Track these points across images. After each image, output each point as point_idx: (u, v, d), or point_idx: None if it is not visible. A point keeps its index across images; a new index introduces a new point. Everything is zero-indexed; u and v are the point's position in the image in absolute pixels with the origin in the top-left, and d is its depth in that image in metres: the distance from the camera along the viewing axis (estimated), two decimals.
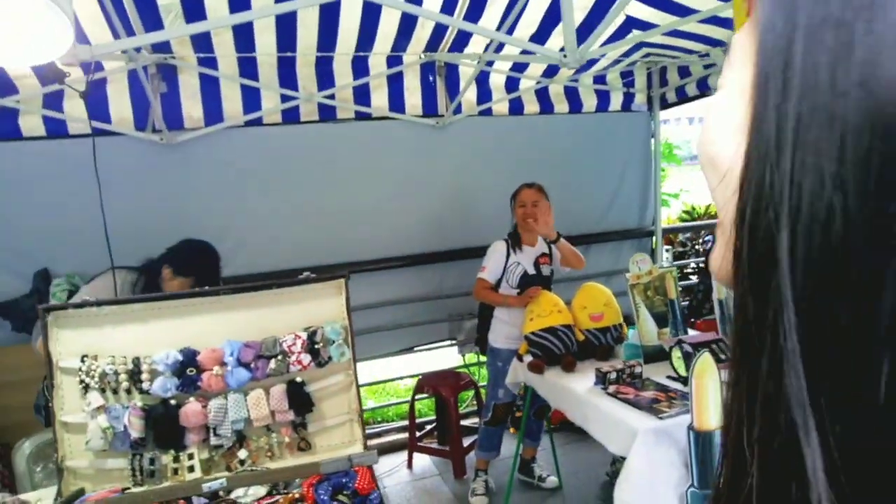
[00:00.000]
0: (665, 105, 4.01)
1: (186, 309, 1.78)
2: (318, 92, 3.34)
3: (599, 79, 3.86)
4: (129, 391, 1.73)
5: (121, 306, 1.73)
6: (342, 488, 1.52)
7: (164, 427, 1.72)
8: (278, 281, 1.84)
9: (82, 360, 1.69)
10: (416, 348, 3.96)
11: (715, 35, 3.19)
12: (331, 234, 3.52)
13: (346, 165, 3.48)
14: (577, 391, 2.40)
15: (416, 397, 3.59)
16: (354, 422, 1.90)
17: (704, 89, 3.65)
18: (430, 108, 3.61)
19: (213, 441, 1.75)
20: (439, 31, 3.21)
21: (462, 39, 3.31)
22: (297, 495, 1.49)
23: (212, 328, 1.79)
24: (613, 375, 2.36)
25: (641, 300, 2.68)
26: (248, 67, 3.20)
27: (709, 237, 4.79)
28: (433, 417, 3.88)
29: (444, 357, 4.51)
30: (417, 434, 3.64)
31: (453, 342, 3.89)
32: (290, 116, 3.37)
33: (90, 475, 1.71)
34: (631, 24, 3.15)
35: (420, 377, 3.65)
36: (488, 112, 3.74)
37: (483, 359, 4.18)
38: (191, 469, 1.74)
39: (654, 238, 4.22)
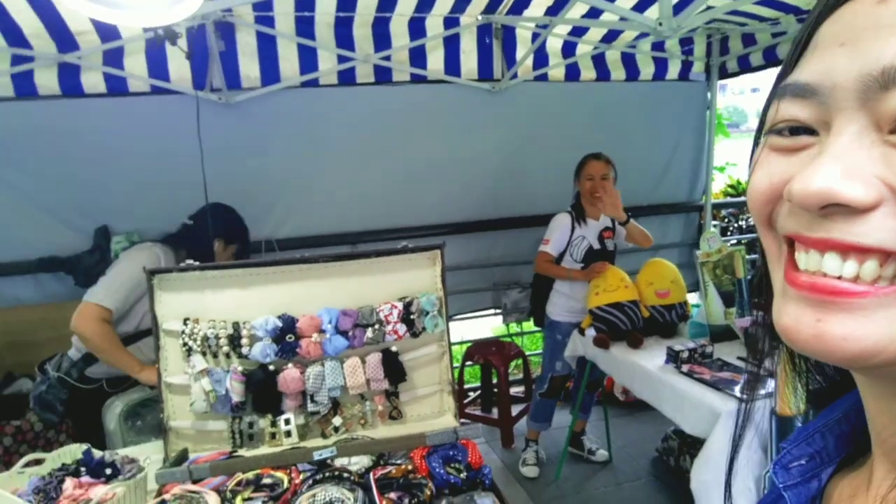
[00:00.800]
0: (725, 75, 3.92)
1: (284, 275, 1.78)
2: (374, 53, 3.26)
3: (658, 45, 3.76)
4: (228, 355, 1.74)
5: (221, 271, 1.73)
6: (451, 460, 1.54)
7: (262, 392, 1.73)
8: (377, 250, 1.83)
9: (184, 323, 1.70)
10: (458, 316, 3.97)
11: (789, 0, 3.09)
12: (383, 199, 3.50)
13: (401, 129, 3.43)
14: (647, 368, 2.41)
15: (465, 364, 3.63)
16: (445, 392, 1.91)
17: (771, 59, 3.55)
18: (485, 72, 3.53)
19: (310, 407, 1.77)
20: None
21: (521, 2, 3.21)
22: (409, 466, 1.51)
23: (309, 295, 1.79)
24: (686, 354, 2.37)
25: (710, 278, 2.66)
26: (305, 27, 3.13)
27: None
28: (477, 385, 3.93)
29: (480, 325, 4.54)
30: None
31: (497, 311, 3.90)
32: (347, 78, 3.31)
33: (191, 436, 1.74)
34: None
35: (470, 345, 3.68)
36: (544, 77, 3.66)
37: (525, 328, 4.22)
38: (287, 434, 1.77)
39: (702, 212, 4.18)
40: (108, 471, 1.55)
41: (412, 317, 1.83)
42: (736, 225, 4.88)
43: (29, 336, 2.88)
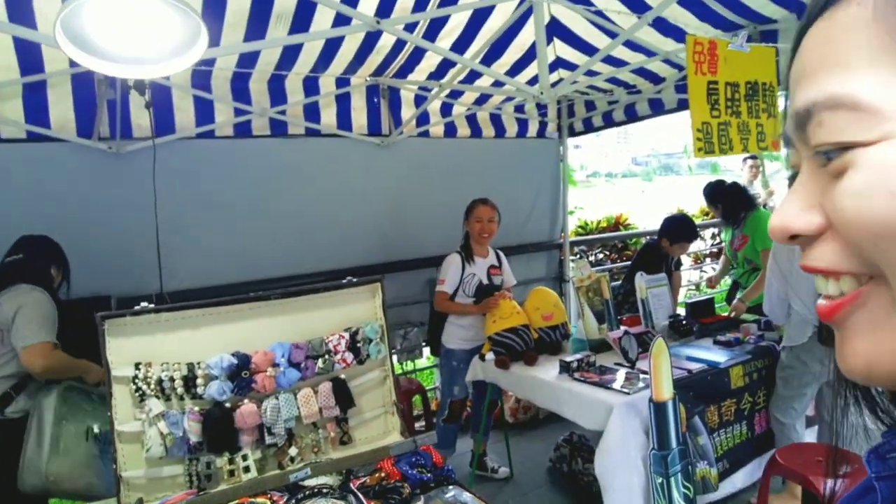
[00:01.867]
0: (573, 133, 4.64)
1: (235, 314, 1.85)
2: (270, 107, 3.41)
3: (519, 108, 4.37)
4: (181, 397, 1.76)
5: (173, 313, 1.76)
6: (415, 465, 1.72)
7: (219, 430, 1.76)
8: (323, 284, 1.98)
9: (136, 368, 1.70)
10: None
11: (620, 77, 3.86)
12: (277, 248, 3.57)
13: (296, 179, 3.57)
14: (546, 380, 2.78)
15: None
16: (389, 413, 2.08)
17: (608, 121, 4.33)
18: (374, 128, 3.84)
19: (268, 440, 1.83)
20: (388, 59, 3.48)
21: (407, 67, 3.60)
22: (382, 474, 1.66)
23: (260, 331, 1.88)
24: (576, 364, 2.78)
25: (584, 300, 3.15)
26: (200, 79, 3.19)
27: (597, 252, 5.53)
28: None
29: None
30: None
31: (394, 350, 4.09)
32: (243, 129, 3.40)
33: (143, 486, 1.70)
34: (559, 63, 3.70)
35: None
36: (426, 134, 4.05)
37: (417, 365, 4.45)
38: (246, 469, 1.81)
39: (562, 249, 4.81)
40: None
41: (358, 345, 2.00)
42: (589, 259, 5.66)
43: None
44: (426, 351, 4.13)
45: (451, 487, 1.66)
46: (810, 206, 0.34)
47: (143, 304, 1.71)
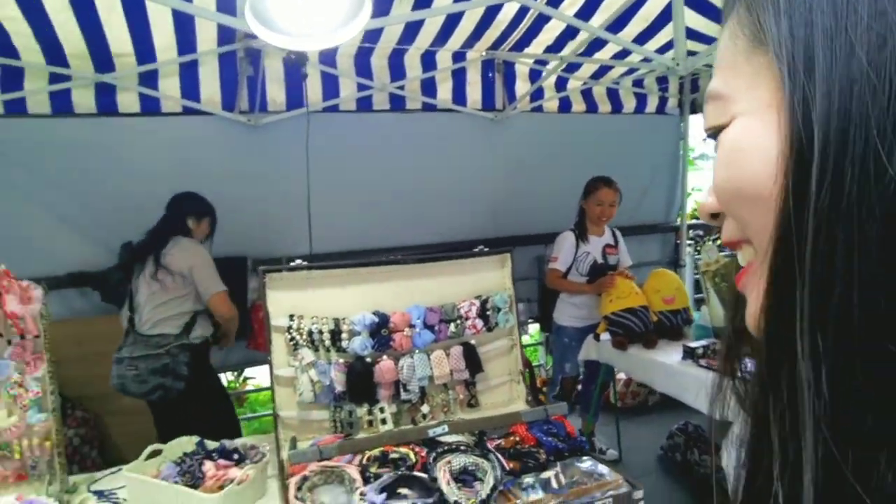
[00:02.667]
0: (694, 111, 4.44)
1: (375, 275, 1.98)
2: (390, 82, 3.53)
3: (638, 82, 4.24)
4: (328, 349, 1.91)
5: (323, 271, 1.91)
6: (548, 433, 1.77)
7: (360, 382, 1.90)
8: (457, 252, 2.07)
9: (290, 319, 1.86)
10: None
11: None
12: (394, 217, 3.71)
13: (412, 153, 3.69)
14: (668, 364, 2.72)
15: None
16: (514, 381, 2.14)
17: None
18: (488, 103, 3.87)
19: (403, 396, 1.95)
20: (506, 32, 3.49)
21: (524, 41, 3.59)
22: (517, 438, 1.73)
23: (396, 293, 1.99)
24: (701, 350, 2.71)
25: (711, 285, 3.04)
26: (327, 56, 3.36)
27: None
28: None
29: None
30: None
31: None
32: (364, 105, 3.56)
33: (295, 426, 1.88)
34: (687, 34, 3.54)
35: None
36: (540, 109, 4.04)
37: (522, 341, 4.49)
38: (383, 422, 1.94)
39: (678, 232, 4.65)
40: (236, 456, 1.69)
41: (487, 313, 2.07)
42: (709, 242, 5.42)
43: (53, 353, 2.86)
44: (532, 327, 4.16)
45: (585, 458, 1.69)
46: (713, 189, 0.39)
47: (298, 261, 1.87)
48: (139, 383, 2.56)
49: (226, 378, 4.31)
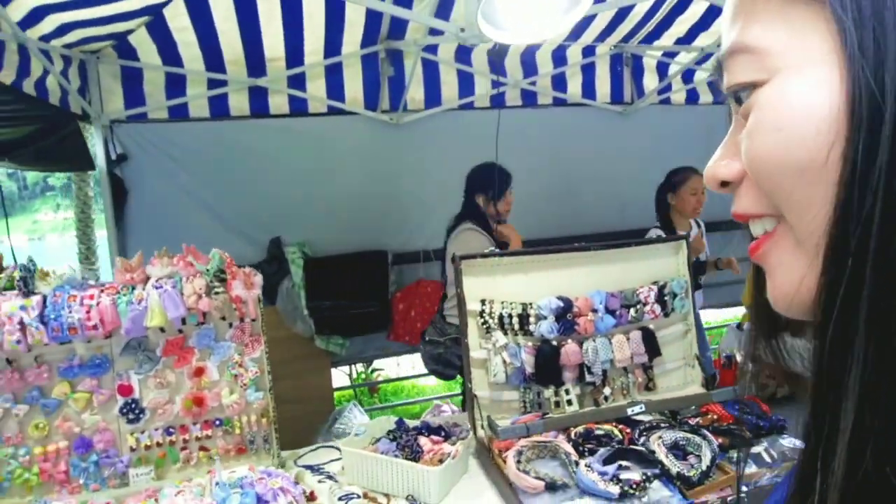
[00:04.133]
0: None
1: (557, 262, 2.08)
2: (522, 79, 3.65)
3: None
4: (516, 333, 2.03)
5: (511, 257, 2.04)
6: (743, 412, 1.82)
7: (547, 365, 2.01)
8: (636, 240, 2.15)
9: (482, 304, 2.00)
10: None
11: None
12: (525, 211, 3.81)
13: (545, 148, 3.78)
14: None
15: None
16: (689, 366, 2.19)
17: None
18: (617, 96, 3.92)
19: (588, 378, 2.05)
20: (638, 25, 3.52)
21: (654, 33, 3.61)
22: (714, 416, 1.79)
23: (579, 279, 2.09)
24: None
25: None
26: (463, 55, 3.51)
27: None
28: None
29: None
30: None
31: None
32: (497, 101, 3.68)
33: (487, 405, 2.00)
34: None
35: None
36: (667, 101, 4.04)
37: None
38: (569, 402, 2.04)
39: None
40: (442, 433, 1.84)
41: (665, 298, 2.13)
42: None
43: None
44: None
45: (784, 434, 1.73)
46: (733, 154, 0.36)
47: (492, 248, 2.00)
48: (424, 363, 2.93)
49: (355, 369, 4.56)
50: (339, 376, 4.23)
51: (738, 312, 4.17)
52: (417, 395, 4.98)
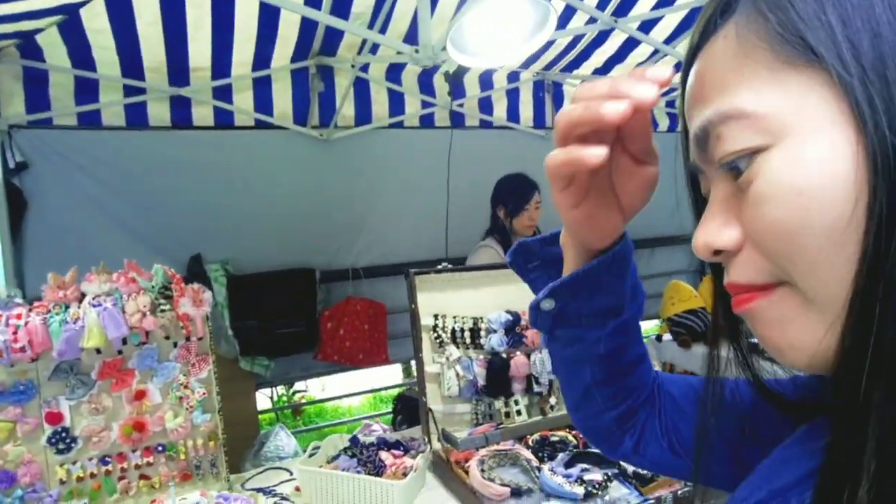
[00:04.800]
0: None
1: (504, 277, 2.17)
2: (452, 101, 3.76)
3: (670, 103, 4.57)
4: (467, 346, 2.09)
5: (461, 273, 2.09)
6: None
7: (498, 376, 2.08)
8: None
9: (435, 318, 2.04)
10: None
11: None
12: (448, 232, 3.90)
13: (471, 168, 3.89)
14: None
15: None
16: None
17: None
18: (539, 121, 4.13)
19: (536, 389, 2.14)
20: (561, 54, 3.76)
21: (574, 63, 3.87)
22: None
23: (522, 294, 2.17)
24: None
25: None
26: (394, 74, 3.57)
27: None
28: None
29: None
30: None
31: None
32: (427, 121, 3.77)
33: (440, 419, 2.04)
34: None
35: None
36: None
37: None
38: (518, 413, 2.12)
39: None
40: (401, 447, 1.85)
41: None
42: None
43: None
44: None
45: None
46: (728, 222, 0.37)
47: (445, 264, 2.05)
48: None
49: (276, 391, 4.40)
50: (261, 399, 4.06)
51: (655, 324, 4.48)
52: (342, 417, 4.88)
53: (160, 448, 1.76)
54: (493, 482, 1.58)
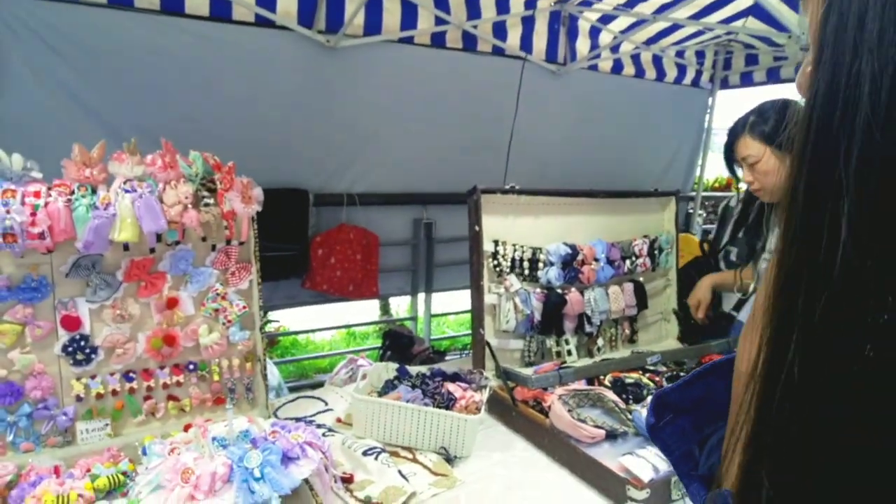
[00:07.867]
0: (726, 86, 4.78)
1: (564, 207, 2.05)
2: (466, 20, 3.52)
3: (680, 53, 4.50)
4: (525, 279, 1.96)
5: (526, 196, 1.95)
6: None
7: (553, 313, 1.98)
8: (631, 191, 2.18)
9: (495, 245, 1.90)
10: None
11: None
12: (451, 164, 3.72)
13: (480, 98, 3.71)
14: None
15: None
16: (665, 320, 2.31)
17: (773, 78, 4.47)
18: (552, 55, 3.96)
19: (588, 329, 2.06)
20: None
21: None
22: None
23: (580, 226, 2.08)
24: None
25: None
26: None
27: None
28: None
29: None
30: None
31: None
32: (438, 40, 3.51)
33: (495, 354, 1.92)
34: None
35: None
36: (595, 67, 4.18)
37: None
38: (569, 353, 2.03)
39: (692, 202, 5.03)
40: (462, 380, 1.72)
41: (654, 252, 2.21)
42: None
43: None
44: None
45: None
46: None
47: (512, 184, 1.90)
48: None
49: None
50: None
51: None
52: (314, 351, 4.67)
53: (191, 366, 1.56)
54: (584, 423, 1.49)
